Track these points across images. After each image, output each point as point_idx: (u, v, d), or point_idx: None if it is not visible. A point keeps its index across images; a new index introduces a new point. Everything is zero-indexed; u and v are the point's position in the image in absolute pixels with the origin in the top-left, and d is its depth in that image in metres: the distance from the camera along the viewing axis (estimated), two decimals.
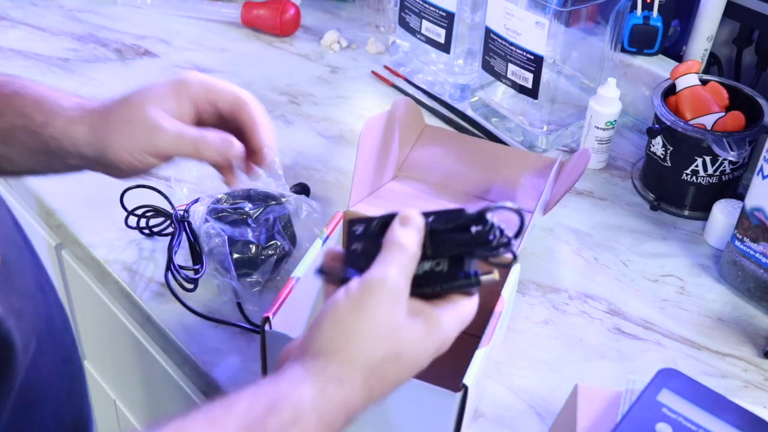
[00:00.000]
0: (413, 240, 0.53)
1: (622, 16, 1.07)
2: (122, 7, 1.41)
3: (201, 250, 0.86)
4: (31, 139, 0.62)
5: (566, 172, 0.92)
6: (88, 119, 0.63)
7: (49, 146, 0.62)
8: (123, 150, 0.61)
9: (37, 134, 0.62)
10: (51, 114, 0.62)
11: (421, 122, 1.02)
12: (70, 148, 0.62)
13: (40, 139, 0.62)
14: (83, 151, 0.62)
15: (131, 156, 0.62)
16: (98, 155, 0.62)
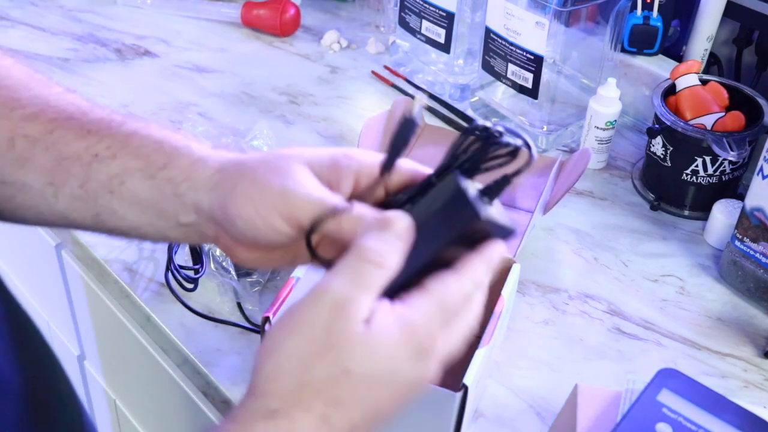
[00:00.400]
0: (389, 252, 0.44)
1: (622, 16, 1.07)
2: (122, 7, 1.41)
3: (201, 250, 0.86)
4: (145, 185, 0.50)
5: (566, 172, 0.92)
6: (218, 162, 0.51)
7: (164, 193, 0.50)
8: (249, 202, 0.48)
9: (153, 179, 0.50)
10: (174, 155, 0.51)
11: (421, 122, 1.02)
12: (188, 195, 0.50)
13: (156, 185, 0.50)
14: (202, 199, 0.50)
15: (256, 211, 0.47)
16: (219, 205, 0.49)
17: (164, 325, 0.86)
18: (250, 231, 0.48)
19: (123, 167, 0.51)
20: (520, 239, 0.83)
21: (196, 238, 0.53)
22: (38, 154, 0.50)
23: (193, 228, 0.51)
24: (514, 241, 0.83)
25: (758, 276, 0.88)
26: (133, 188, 0.50)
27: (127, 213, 0.51)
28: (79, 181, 0.50)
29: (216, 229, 0.51)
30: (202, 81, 1.24)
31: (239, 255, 0.51)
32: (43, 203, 0.51)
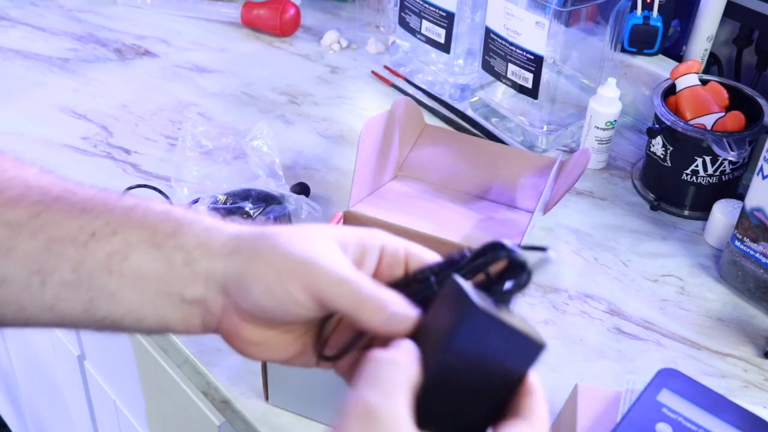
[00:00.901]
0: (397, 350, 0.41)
1: (622, 16, 1.07)
2: (122, 7, 1.41)
3: None
4: (150, 257, 0.46)
5: (566, 172, 0.92)
6: (235, 229, 0.47)
7: (173, 263, 0.46)
8: (270, 268, 0.44)
9: (160, 249, 0.46)
10: (184, 222, 0.47)
11: (421, 122, 1.02)
12: (200, 263, 0.46)
13: (163, 255, 0.46)
14: (216, 266, 0.46)
15: (277, 278, 0.44)
16: (235, 271, 0.46)
17: None
18: (266, 300, 0.45)
19: (125, 242, 0.46)
20: (520, 239, 0.83)
21: (196, 322, 0.48)
22: (23, 241, 0.45)
23: (197, 306, 0.47)
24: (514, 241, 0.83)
25: (758, 276, 0.88)
26: (136, 263, 0.46)
27: (126, 294, 0.46)
28: (73, 265, 0.46)
29: (224, 304, 0.47)
30: (202, 81, 1.24)
31: (246, 336, 0.47)
32: (26, 296, 0.46)
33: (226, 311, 0.47)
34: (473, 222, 0.90)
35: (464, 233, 0.86)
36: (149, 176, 1.03)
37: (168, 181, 0.98)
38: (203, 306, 0.47)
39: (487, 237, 0.86)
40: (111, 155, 1.07)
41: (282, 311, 0.45)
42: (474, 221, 0.90)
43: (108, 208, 0.47)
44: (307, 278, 0.44)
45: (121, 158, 1.07)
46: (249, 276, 0.45)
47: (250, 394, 0.79)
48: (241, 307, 0.46)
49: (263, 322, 0.46)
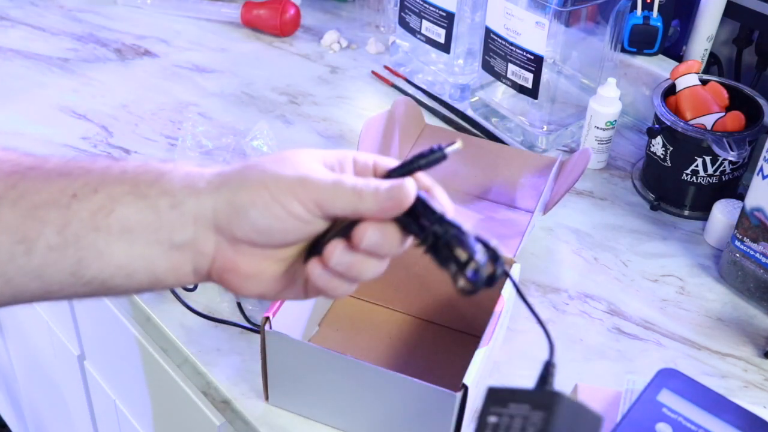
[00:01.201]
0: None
1: (622, 16, 1.07)
2: (122, 7, 1.41)
3: None
4: (136, 208, 0.46)
5: (566, 172, 0.92)
6: (215, 169, 0.49)
7: (160, 209, 0.47)
8: (262, 189, 0.46)
9: (146, 198, 0.47)
10: (164, 170, 0.48)
11: (421, 122, 1.02)
12: (188, 204, 0.47)
13: (149, 203, 0.47)
14: (204, 203, 0.47)
15: (271, 196, 0.46)
16: (226, 201, 0.47)
17: (164, 325, 0.86)
18: (264, 221, 0.46)
19: (108, 197, 0.46)
20: (520, 239, 0.83)
21: (187, 269, 0.48)
22: (3, 213, 0.45)
23: (187, 250, 0.48)
24: (514, 241, 0.83)
25: (758, 276, 0.88)
26: (122, 215, 0.46)
27: (114, 249, 0.46)
28: (57, 228, 0.45)
29: (217, 241, 0.48)
30: (202, 81, 1.24)
31: (241, 268, 0.48)
32: (12, 267, 0.46)
33: (219, 248, 0.48)
34: (473, 222, 0.90)
35: None
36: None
37: None
38: (194, 249, 0.48)
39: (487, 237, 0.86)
40: (111, 155, 1.07)
41: (281, 228, 0.46)
42: (474, 221, 0.90)
43: (85, 169, 0.47)
44: (302, 192, 0.46)
45: (121, 158, 1.07)
46: (243, 202, 0.46)
47: (250, 394, 0.79)
48: (237, 237, 0.47)
49: (258, 252, 0.48)
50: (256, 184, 0.46)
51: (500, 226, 0.90)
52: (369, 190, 0.46)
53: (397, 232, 0.47)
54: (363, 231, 0.47)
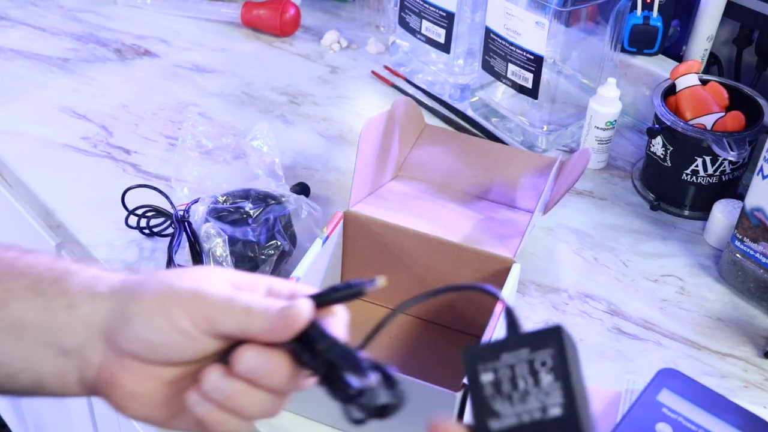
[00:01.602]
0: None
1: (622, 16, 1.07)
2: (122, 7, 1.41)
3: (201, 250, 0.86)
4: (31, 304, 0.45)
5: (566, 172, 0.92)
6: (123, 274, 0.48)
7: (53, 309, 0.45)
8: (152, 299, 0.44)
9: (43, 295, 0.46)
10: (70, 270, 0.47)
11: (421, 122, 1.02)
12: (83, 307, 0.46)
13: (45, 302, 0.46)
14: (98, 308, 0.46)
15: (160, 308, 0.44)
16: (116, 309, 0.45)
17: None
18: (148, 332, 0.43)
19: (5, 290, 0.46)
20: (520, 239, 0.83)
21: (72, 378, 0.46)
22: None
23: (75, 357, 0.46)
24: (514, 241, 0.83)
25: (758, 276, 0.88)
26: (16, 311, 0.45)
27: (4, 346, 0.45)
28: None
29: (104, 351, 0.45)
30: (202, 81, 1.24)
31: (125, 385, 0.45)
32: None
33: (105, 359, 0.45)
34: (473, 222, 0.90)
35: (464, 233, 0.86)
36: (149, 176, 1.03)
37: (168, 181, 0.98)
38: (81, 356, 0.46)
39: (487, 237, 0.86)
40: (111, 155, 1.07)
41: (164, 343, 0.44)
42: (474, 221, 0.90)
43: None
44: (192, 305, 0.43)
45: (121, 158, 1.07)
46: (131, 309, 0.44)
47: None
48: (122, 348, 0.45)
49: (144, 369, 0.45)
50: (148, 293, 0.44)
51: (500, 226, 0.90)
52: (260, 308, 0.43)
53: (284, 359, 0.43)
54: (241, 353, 0.43)
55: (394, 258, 0.85)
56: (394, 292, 0.87)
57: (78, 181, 1.03)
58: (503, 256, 0.80)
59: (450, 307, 0.84)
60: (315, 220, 0.91)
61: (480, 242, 0.83)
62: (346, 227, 0.85)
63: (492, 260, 0.81)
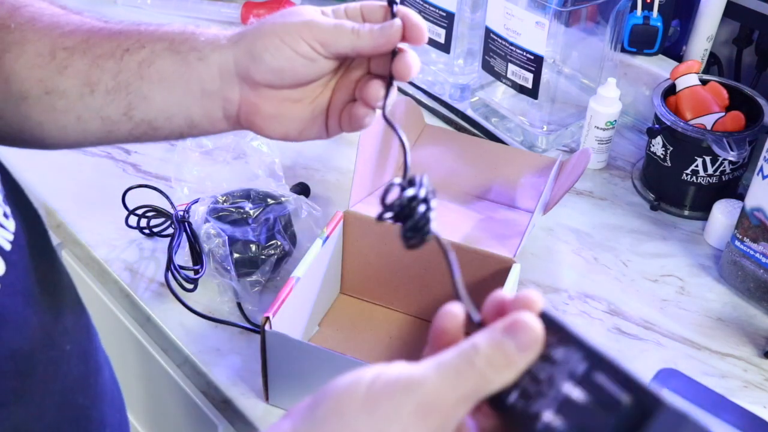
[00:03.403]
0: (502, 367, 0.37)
1: (622, 16, 1.07)
2: (122, 7, 1.41)
3: (201, 250, 0.86)
4: (171, 60, 0.56)
5: (566, 172, 0.92)
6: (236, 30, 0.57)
7: (189, 63, 0.56)
8: (274, 35, 0.53)
9: (179, 53, 0.56)
10: (196, 32, 0.57)
11: (421, 122, 1.02)
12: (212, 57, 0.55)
13: (181, 58, 0.56)
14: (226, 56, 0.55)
15: (281, 40, 0.53)
16: (244, 51, 0.54)
17: (164, 325, 0.86)
18: (276, 62, 0.53)
19: (151, 51, 0.56)
20: (520, 239, 0.83)
21: (218, 115, 0.57)
22: (76, 60, 0.56)
23: (216, 97, 0.56)
24: (514, 241, 0.83)
25: (758, 276, 0.88)
26: (160, 66, 0.56)
27: (156, 95, 0.56)
28: (113, 74, 0.56)
29: (240, 89, 0.55)
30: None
31: (264, 110, 0.56)
32: (80, 105, 0.56)
33: (243, 94, 0.56)
34: (473, 222, 0.90)
35: (464, 233, 0.86)
36: (149, 176, 1.03)
37: (168, 181, 0.98)
38: (221, 96, 0.56)
39: (487, 237, 0.86)
40: (111, 155, 1.07)
41: (291, 68, 0.54)
42: (474, 221, 0.90)
43: (138, 29, 0.59)
44: (308, 33, 0.53)
45: (121, 158, 1.07)
46: (258, 49, 0.54)
47: (250, 394, 0.79)
48: (256, 81, 0.55)
49: (277, 94, 0.55)
50: (268, 33, 0.54)
51: (500, 226, 0.90)
52: (365, 30, 0.53)
53: None
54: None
55: (394, 258, 0.85)
56: (394, 292, 0.87)
57: (78, 181, 1.03)
58: (503, 256, 0.81)
59: None
60: (315, 220, 0.91)
61: (480, 242, 0.83)
62: (346, 227, 0.85)
63: (492, 260, 0.81)
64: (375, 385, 0.37)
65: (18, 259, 0.48)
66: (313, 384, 0.74)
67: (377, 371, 0.38)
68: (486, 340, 0.37)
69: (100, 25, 0.59)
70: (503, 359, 0.37)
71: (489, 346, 0.37)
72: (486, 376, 0.37)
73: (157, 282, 0.89)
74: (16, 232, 0.49)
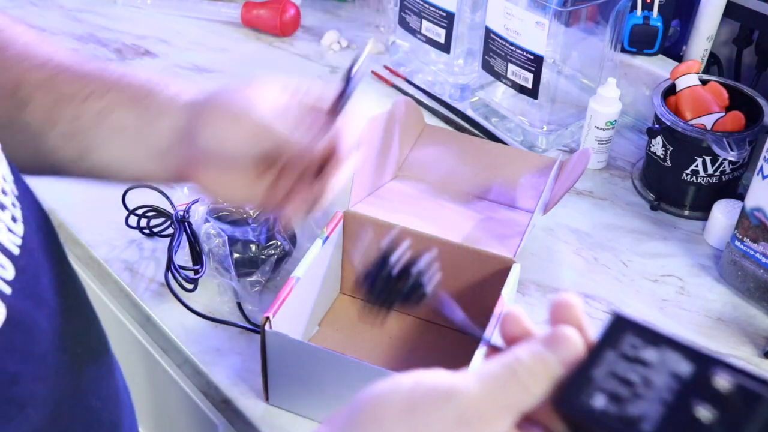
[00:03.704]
0: (542, 377, 0.37)
1: (622, 16, 1.07)
2: (122, 7, 1.41)
3: (201, 250, 0.86)
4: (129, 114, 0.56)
5: (566, 172, 0.92)
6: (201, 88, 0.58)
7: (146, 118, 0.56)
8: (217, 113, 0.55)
9: (138, 106, 0.56)
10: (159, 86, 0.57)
11: (421, 122, 1.02)
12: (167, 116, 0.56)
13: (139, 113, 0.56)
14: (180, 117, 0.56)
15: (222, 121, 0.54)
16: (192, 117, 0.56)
17: (164, 325, 0.86)
18: (213, 143, 0.54)
19: (112, 99, 0.56)
20: (520, 239, 0.83)
21: (170, 171, 0.57)
22: (39, 98, 0.56)
23: (165, 158, 0.57)
24: (514, 241, 0.83)
25: (758, 276, 0.88)
26: (119, 117, 0.56)
27: (111, 145, 0.56)
28: (72, 117, 0.56)
29: (188, 151, 0.56)
30: (202, 81, 1.23)
31: (205, 180, 0.57)
32: (39, 141, 0.56)
33: (190, 157, 0.56)
34: (473, 222, 0.90)
35: (464, 233, 0.86)
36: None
37: None
38: (174, 155, 0.56)
39: (487, 237, 0.86)
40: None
41: (226, 151, 0.55)
42: (474, 221, 0.90)
43: (104, 74, 0.57)
44: (244, 124, 0.54)
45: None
46: (199, 124, 0.55)
47: (250, 394, 0.79)
48: (198, 150, 0.55)
49: (218, 163, 0.56)
50: (216, 110, 0.55)
51: (500, 226, 0.90)
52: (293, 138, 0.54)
53: None
54: None
55: None
56: None
57: (78, 181, 1.03)
58: (503, 256, 0.81)
59: None
60: (315, 220, 0.91)
61: (480, 242, 0.83)
62: (346, 227, 0.85)
63: (492, 260, 0.81)
64: (415, 392, 0.37)
65: (27, 263, 0.48)
66: (313, 384, 0.74)
67: (416, 378, 0.38)
68: (528, 353, 0.37)
69: (69, 62, 0.58)
70: (545, 372, 0.37)
71: (531, 358, 0.37)
72: (528, 388, 0.37)
73: (157, 282, 0.89)
74: (24, 235, 0.48)
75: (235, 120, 0.54)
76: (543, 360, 0.37)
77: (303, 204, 0.57)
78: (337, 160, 0.56)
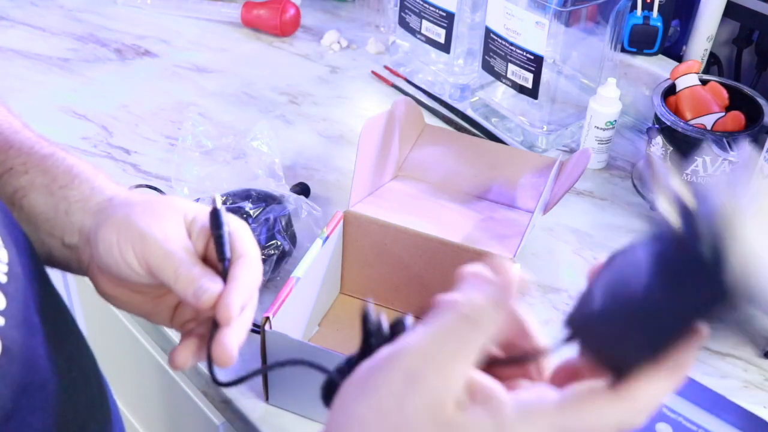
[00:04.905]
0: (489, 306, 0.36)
1: (622, 16, 1.07)
2: (122, 7, 1.41)
3: None
4: (43, 201, 0.54)
5: (566, 172, 0.92)
6: (113, 193, 0.55)
7: (58, 211, 0.54)
8: (114, 232, 0.52)
9: (52, 196, 0.54)
10: (80, 179, 0.55)
11: (421, 122, 1.02)
12: (76, 216, 0.54)
13: (53, 201, 0.54)
14: (86, 221, 0.54)
15: (117, 242, 0.51)
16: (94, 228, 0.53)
17: None
18: (106, 258, 0.51)
19: (30, 182, 0.54)
20: (520, 239, 0.83)
21: (74, 265, 0.55)
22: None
23: (73, 252, 0.54)
24: (514, 241, 0.83)
25: None
26: (32, 202, 0.54)
27: (24, 225, 0.53)
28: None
29: (90, 256, 0.53)
30: (202, 81, 1.24)
31: (103, 287, 0.54)
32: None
33: (91, 262, 0.54)
34: (473, 222, 0.90)
35: (464, 233, 0.86)
36: (149, 176, 1.03)
37: (168, 181, 0.98)
38: (77, 252, 0.55)
39: (487, 237, 0.86)
40: (111, 155, 1.07)
41: (117, 271, 0.52)
42: (474, 221, 0.90)
43: (32, 151, 0.56)
44: (141, 247, 0.50)
45: (121, 158, 1.07)
46: (99, 235, 0.52)
47: (250, 394, 0.79)
48: (94, 260, 0.53)
49: (114, 279, 0.53)
50: (113, 225, 0.52)
51: (500, 226, 0.90)
52: (184, 276, 0.50)
53: None
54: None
55: (394, 258, 0.85)
56: (395, 291, 0.87)
57: None
58: (503, 257, 0.80)
59: None
60: (315, 220, 0.91)
61: (480, 242, 0.83)
62: (346, 227, 0.85)
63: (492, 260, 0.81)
64: (368, 366, 0.37)
65: (15, 289, 0.46)
66: (313, 384, 0.74)
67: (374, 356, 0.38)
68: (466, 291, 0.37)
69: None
70: (487, 301, 0.36)
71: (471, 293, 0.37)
72: (476, 322, 0.35)
73: None
74: (10, 261, 0.46)
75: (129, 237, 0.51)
76: (483, 291, 0.37)
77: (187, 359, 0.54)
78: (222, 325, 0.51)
